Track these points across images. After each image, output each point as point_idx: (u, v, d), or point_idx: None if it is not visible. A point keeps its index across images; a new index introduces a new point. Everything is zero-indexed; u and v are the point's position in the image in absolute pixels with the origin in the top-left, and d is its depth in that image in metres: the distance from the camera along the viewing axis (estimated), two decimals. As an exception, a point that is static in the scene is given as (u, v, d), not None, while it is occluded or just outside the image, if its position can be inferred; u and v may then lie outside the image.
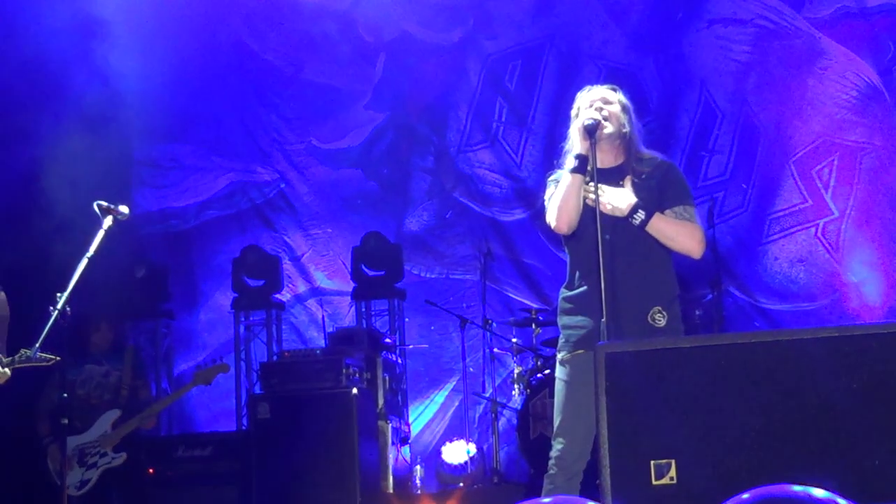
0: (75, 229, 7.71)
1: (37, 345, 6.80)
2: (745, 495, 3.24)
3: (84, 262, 6.95)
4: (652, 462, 4.71)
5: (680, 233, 5.91)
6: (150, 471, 9.95)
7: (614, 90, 6.18)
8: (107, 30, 10.80)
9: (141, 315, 11.98)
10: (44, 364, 7.07)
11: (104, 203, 7.15)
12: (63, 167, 10.14)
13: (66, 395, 7.80)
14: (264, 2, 12.20)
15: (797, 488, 3.21)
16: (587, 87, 6.21)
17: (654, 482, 4.69)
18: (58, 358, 7.00)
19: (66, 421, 7.62)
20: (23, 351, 7.13)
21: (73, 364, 9.28)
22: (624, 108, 6.10)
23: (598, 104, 6.01)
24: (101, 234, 7.05)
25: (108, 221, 7.10)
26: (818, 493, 3.20)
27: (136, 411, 9.34)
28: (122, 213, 7.17)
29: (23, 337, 7.11)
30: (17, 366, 7.10)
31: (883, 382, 4.55)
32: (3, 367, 7.06)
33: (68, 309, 6.90)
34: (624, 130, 6.04)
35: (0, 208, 9.98)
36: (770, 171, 11.09)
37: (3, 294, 7.36)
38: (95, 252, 7.02)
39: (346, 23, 12.09)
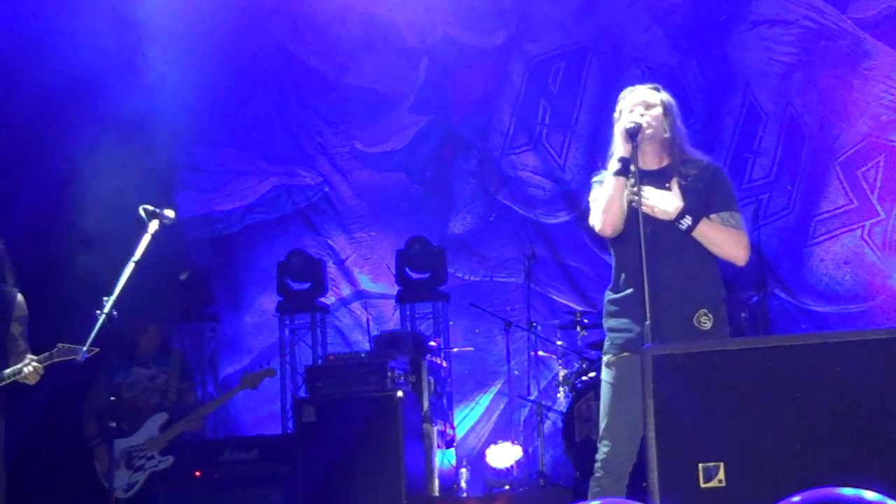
0: (117, 234, 7.73)
1: (84, 347, 6.82)
2: (796, 498, 3.22)
3: (130, 267, 6.96)
4: (700, 465, 4.70)
5: (726, 240, 5.91)
6: (197, 473, 10.00)
7: (657, 90, 6.15)
8: (150, 35, 10.86)
9: (186, 318, 12.03)
10: (74, 357, 7.09)
11: (150, 207, 7.16)
12: (107, 171, 10.20)
13: (113, 398, 7.83)
14: (307, 7, 12.22)
15: (848, 491, 3.19)
16: (629, 89, 6.19)
17: (702, 485, 4.67)
18: (96, 350, 6.98)
19: (113, 424, 7.65)
20: (59, 345, 7.18)
21: (120, 367, 9.37)
22: (667, 109, 6.07)
23: (639, 108, 6.00)
24: (146, 239, 7.06)
25: (153, 226, 7.11)
26: (869, 495, 3.18)
27: (182, 414, 9.40)
28: (167, 218, 7.18)
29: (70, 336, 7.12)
30: (53, 360, 7.15)
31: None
32: (34, 365, 7.10)
33: (115, 313, 6.91)
34: (665, 135, 6.03)
35: (44, 211, 10.02)
36: (815, 173, 11.03)
37: (20, 295, 7.43)
38: (141, 256, 7.04)
39: (388, 27, 12.10)
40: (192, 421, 9.40)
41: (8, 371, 7.14)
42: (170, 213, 7.22)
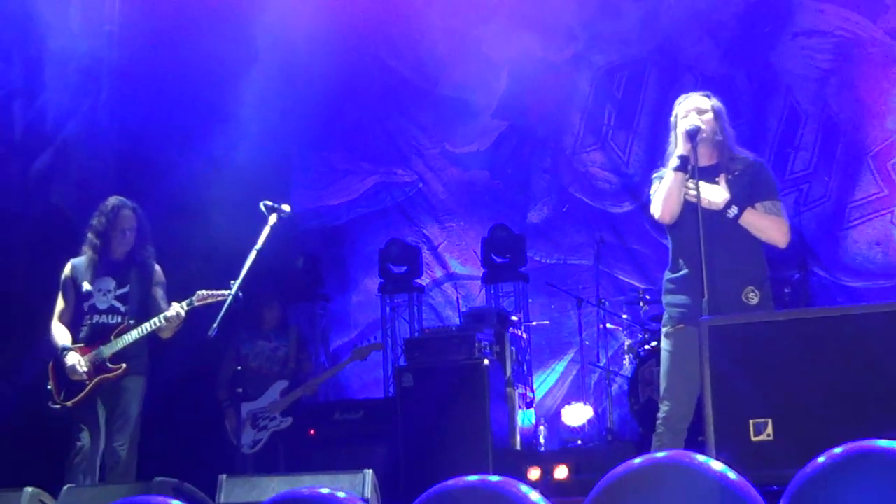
0: (244, 224, 7.79)
1: (214, 324, 6.86)
2: (837, 450, 3.18)
3: (253, 254, 7.03)
4: (751, 421, 4.67)
5: (768, 226, 5.95)
6: (311, 432, 10.08)
7: (708, 97, 6.16)
8: (272, 58, 10.97)
9: (301, 299, 12.12)
10: (217, 300, 7.18)
11: (269, 202, 7.23)
12: (235, 171, 10.33)
13: (239, 367, 7.91)
14: (403, 26, 12.25)
15: (884, 443, 3.14)
16: (684, 96, 6.20)
17: (753, 438, 4.65)
18: (226, 291, 7.06)
19: (240, 390, 7.75)
20: (198, 292, 7.29)
21: (247, 340, 9.49)
22: (717, 114, 6.09)
23: (693, 113, 6.01)
24: (266, 230, 7.12)
25: (272, 218, 7.16)
26: (903, 447, 3.13)
27: (300, 382, 9.54)
28: (284, 211, 7.23)
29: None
30: (194, 305, 7.28)
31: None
32: (175, 308, 7.22)
33: (240, 293, 6.98)
34: (718, 138, 6.04)
35: (184, 204, 10.16)
36: (849, 165, 10.91)
37: (158, 266, 7.60)
38: (262, 245, 7.10)
39: (473, 44, 12.10)
40: (308, 387, 9.55)
41: (153, 320, 7.27)
42: (286, 207, 7.28)
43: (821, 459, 3.20)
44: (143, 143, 10.78)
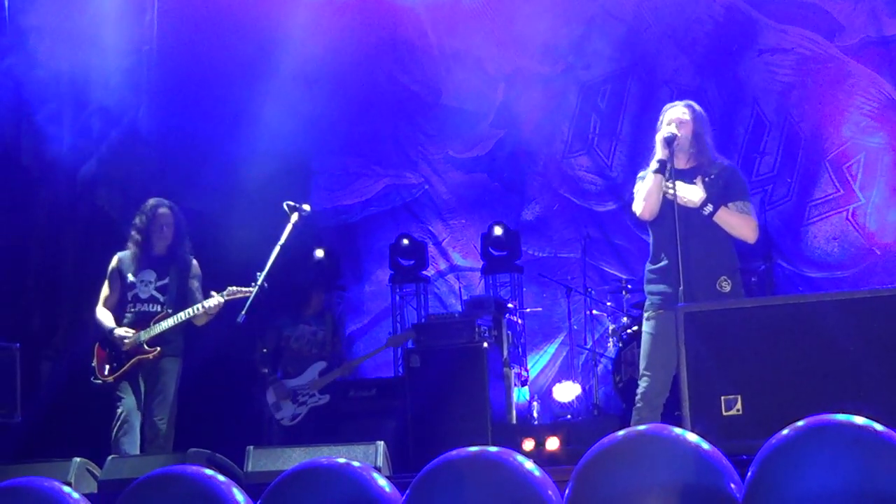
0: (267, 223, 7.81)
1: (242, 311, 6.89)
2: (799, 423, 3.18)
3: (277, 249, 7.05)
4: (722, 397, 4.67)
5: (740, 223, 5.99)
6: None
7: (690, 106, 6.18)
8: (291, 73, 10.97)
9: (320, 288, 12.15)
10: (244, 295, 7.20)
11: (291, 203, 7.24)
12: (260, 175, 10.34)
13: (265, 350, 7.98)
14: (411, 45, 12.22)
15: (841, 417, 3.14)
16: (669, 105, 6.23)
17: (724, 413, 4.65)
18: (252, 288, 7.14)
19: (265, 370, 7.85)
20: (229, 288, 7.33)
21: (289, 324, 9.53)
22: (698, 123, 6.12)
23: (674, 124, 6.03)
24: (289, 228, 7.15)
25: (294, 217, 7.18)
26: (858, 420, 3.13)
27: (336, 363, 9.62)
28: (304, 211, 7.25)
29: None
30: (227, 298, 7.29)
31: (891, 331, 4.57)
32: (214, 298, 7.25)
33: (266, 284, 7.00)
34: (696, 144, 6.07)
35: (213, 207, 10.16)
36: (809, 168, 10.90)
37: (195, 260, 7.64)
38: (285, 241, 7.11)
39: (473, 60, 12.07)
40: (346, 369, 9.69)
41: (190, 308, 7.31)
42: (306, 207, 7.30)
43: (785, 431, 3.20)
44: (177, 151, 10.80)
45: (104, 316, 7.46)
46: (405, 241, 11.86)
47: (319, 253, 11.93)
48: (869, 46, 10.68)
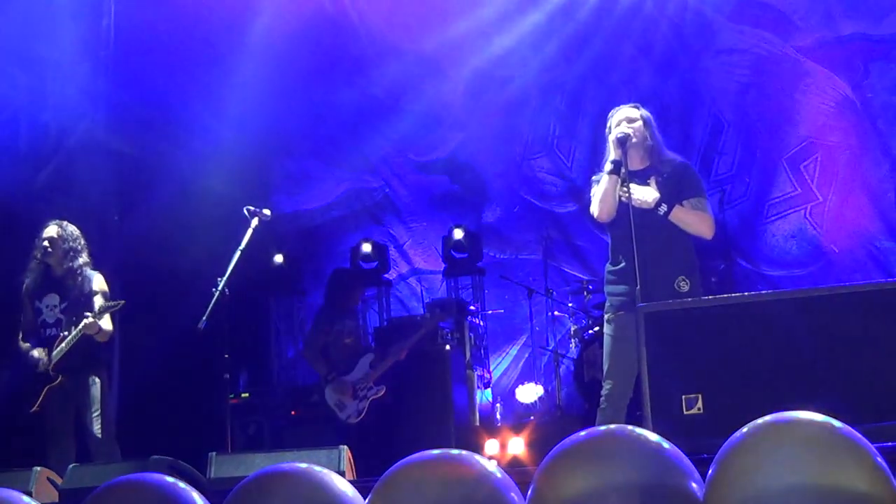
0: (228, 227, 7.76)
1: (203, 317, 6.81)
2: (759, 421, 3.20)
3: (237, 254, 7.00)
4: (683, 396, 4.69)
5: (695, 221, 6.01)
6: (293, 412, 10.04)
7: (637, 107, 6.20)
8: (256, 78, 10.92)
9: (280, 294, 12.14)
10: (115, 309, 7.22)
11: (251, 207, 7.20)
12: (219, 180, 10.28)
13: (330, 342, 8.83)
14: (371, 49, 12.18)
15: (800, 414, 3.17)
16: (616, 108, 6.23)
17: (685, 412, 4.67)
18: (120, 301, 7.18)
19: (334, 373, 8.67)
20: (98, 304, 7.26)
21: (333, 317, 9.37)
22: (646, 122, 6.12)
23: (624, 123, 6.04)
24: (249, 232, 7.10)
25: (254, 222, 7.14)
26: (817, 416, 3.16)
27: (383, 352, 9.33)
28: (265, 215, 7.22)
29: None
30: (100, 316, 7.18)
31: (848, 328, 4.62)
32: (90, 319, 7.12)
33: (226, 290, 6.93)
34: (648, 142, 6.07)
35: (168, 210, 10.08)
36: (767, 167, 10.97)
37: (98, 275, 7.50)
38: (246, 245, 7.06)
39: (433, 64, 12.05)
40: (396, 354, 9.19)
41: (75, 330, 7.19)
42: (267, 211, 7.26)
43: (745, 429, 3.22)
44: (136, 157, 10.72)
45: (23, 345, 7.46)
46: (366, 245, 11.83)
47: (278, 258, 11.88)
48: (824, 46, 10.75)
